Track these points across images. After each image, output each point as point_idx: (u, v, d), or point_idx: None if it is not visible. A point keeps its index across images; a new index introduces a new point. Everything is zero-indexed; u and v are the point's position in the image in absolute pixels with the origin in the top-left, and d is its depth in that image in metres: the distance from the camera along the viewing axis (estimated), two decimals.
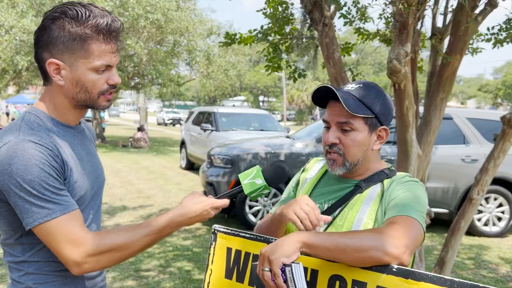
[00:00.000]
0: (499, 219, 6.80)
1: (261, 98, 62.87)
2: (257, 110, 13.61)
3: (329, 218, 1.34)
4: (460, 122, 6.83)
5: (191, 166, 12.58)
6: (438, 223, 6.70)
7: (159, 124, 42.57)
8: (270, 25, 3.88)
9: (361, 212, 1.42)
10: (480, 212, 6.78)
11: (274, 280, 1.17)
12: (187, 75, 22.85)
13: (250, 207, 6.62)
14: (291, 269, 1.15)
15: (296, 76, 3.72)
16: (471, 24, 2.88)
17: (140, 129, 19.22)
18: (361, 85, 1.48)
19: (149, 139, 19.40)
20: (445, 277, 1.09)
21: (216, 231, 1.54)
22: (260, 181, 1.43)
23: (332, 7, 3.58)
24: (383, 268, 1.18)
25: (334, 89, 1.41)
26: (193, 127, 12.35)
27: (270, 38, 3.82)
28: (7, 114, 22.83)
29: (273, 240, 1.38)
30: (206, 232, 6.34)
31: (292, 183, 1.69)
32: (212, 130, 10.92)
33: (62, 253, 1.26)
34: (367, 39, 4.16)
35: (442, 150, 6.57)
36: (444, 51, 3.43)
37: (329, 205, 1.49)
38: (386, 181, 1.46)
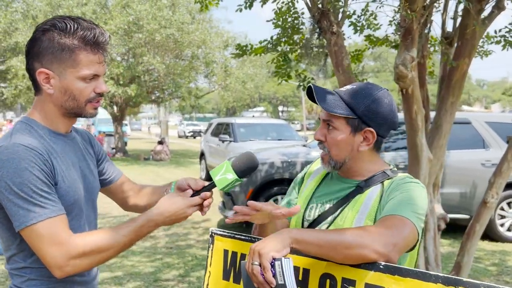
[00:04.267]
0: None
1: (280, 108, 62.94)
2: (275, 120, 13.66)
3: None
4: (479, 126, 6.74)
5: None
6: (459, 229, 6.59)
7: (179, 137, 42.98)
8: (279, 35, 3.95)
9: (361, 213, 1.43)
10: (502, 217, 6.65)
11: (263, 274, 1.18)
12: (205, 87, 23.13)
13: None
14: (281, 264, 1.16)
15: (305, 85, 3.78)
16: (477, 27, 2.89)
17: (161, 142, 19.49)
18: (354, 86, 1.49)
19: (170, 152, 19.63)
20: (430, 272, 1.12)
21: (213, 234, 1.58)
22: (231, 176, 1.48)
23: (340, 16, 3.63)
24: (370, 265, 1.20)
25: (313, 88, 1.44)
26: (212, 139, 12.47)
27: (280, 48, 3.89)
28: None
29: None
30: None
31: (295, 183, 1.70)
32: (230, 141, 11.01)
33: (45, 256, 1.30)
34: (375, 46, 4.19)
35: (462, 155, 6.49)
36: (450, 56, 3.43)
37: (331, 204, 1.50)
38: (386, 182, 1.46)
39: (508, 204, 6.66)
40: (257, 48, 3.87)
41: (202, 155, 13.38)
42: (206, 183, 1.55)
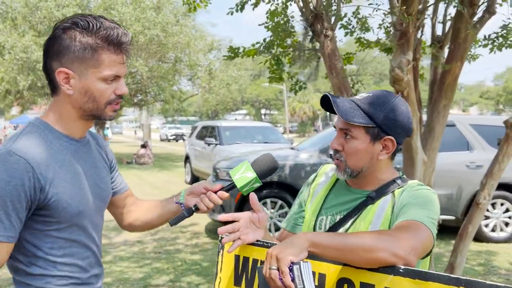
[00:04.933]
0: (506, 224, 6.78)
1: (263, 111, 63.03)
2: (260, 123, 13.67)
3: None
4: (463, 128, 6.86)
5: (196, 180, 12.60)
6: (445, 230, 6.68)
7: (162, 140, 42.67)
8: (272, 38, 3.95)
9: (374, 224, 1.42)
10: (487, 218, 6.76)
11: (282, 279, 1.16)
12: (189, 90, 23.01)
13: None
14: (300, 267, 1.15)
15: (297, 88, 3.78)
16: (471, 31, 2.94)
17: (144, 145, 19.30)
18: (370, 94, 1.48)
19: (153, 155, 19.46)
20: (451, 275, 1.10)
21: (223, 239, 1.56)
22: (251, 174, 1.46)
23: (333, 19, 3.65)
24: (390, 269, 1.19)
25: (331, 98, 1.43)
26: (197, 142, 12.41)
27: (273, 51, 3.88)
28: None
29: None
30: (213, 246, 6.34)
31: (302, 194, 1.68)
32: (216, 144, 10.97)
33: None
34: (367, 48, 4.22)
35: (446, 157, 6.59)
36: (444, 58, 3.48)
37: (341, 216, 1.49)
38: (397, 192, 1.45)
39: (492, 205, 6.78)
40: (250, 50, 3.86)
41: (187, 159, 13.30)
42: (225, 185, 1.53)
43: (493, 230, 6.75)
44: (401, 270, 1.17)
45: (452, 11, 3.86)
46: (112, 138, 38.47)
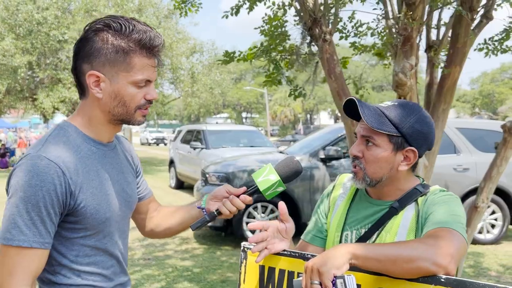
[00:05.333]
0: (493, 226, 6.90)
1: (244, 114, 63.03)
2: (246, 127, 13.61)
3: None
4: (450, 132, 6.95)
5: (181, 185, 12.48)
6: None
7: (142, 144, 42.26)
8: (268, 41, 3.92)
9: (400, 235, 1.40)
10: None
11: None
12: (171, 94, 22.83)
13: (247, 223, 6.57)
14: (344, 281, 1.12)
15: (297, 94, 3.76)
16: (473, 36, 2.97)
17: None
18: (396, 103, 1.46)
19: None
20: (498, 285, 1.08)
21: (246, 249, 1.50)
22: (274, 177, 1.42)
23: (331, 24, 3.64)
24: (430, 279, 1.16)
25: (357, 103, 1.40)
26: (182, 146, 12.29)
27: (271, 55, 3.86)
28: None
29: (309, 255, 1.37)
30: (203, 251, 6.26)
31: (322, 206, 1.64)
32: (202, 148, 10.89)
33: None
34: (362, 52, 4.23)
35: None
36: (441, 63, 3.51)
37: (366, 229, 1.46)
38: (420, 200, 1.44)
39: None
40: (247, 55, 3.83)
41: (171, 163, 13.15)
42: (248, 188, 1.49)
43: (480, 232, 6.85)
44: (442, 280, 1.15)
45: (444, 16, 3.91)
46: None
